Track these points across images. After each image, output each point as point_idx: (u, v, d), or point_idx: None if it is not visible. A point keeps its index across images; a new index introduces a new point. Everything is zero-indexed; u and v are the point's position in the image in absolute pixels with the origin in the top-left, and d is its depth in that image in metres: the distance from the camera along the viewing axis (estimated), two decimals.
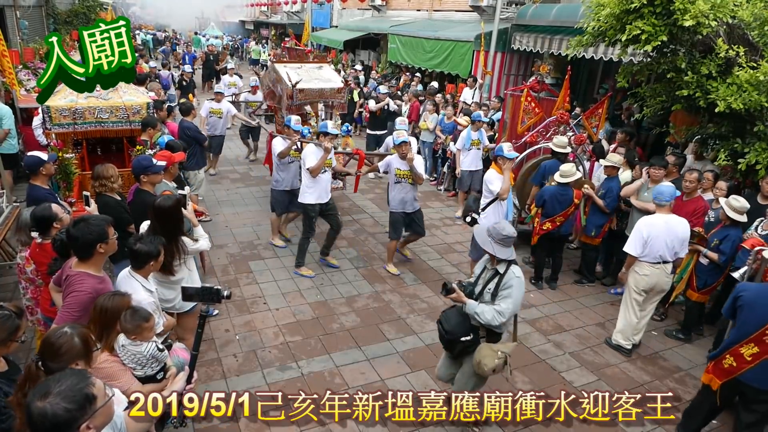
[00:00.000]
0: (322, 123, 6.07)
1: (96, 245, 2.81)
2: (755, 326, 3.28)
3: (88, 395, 1.70)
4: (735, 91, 5.00)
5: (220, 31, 31.60)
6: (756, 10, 5.28)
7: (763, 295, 3.32)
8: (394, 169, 5.92)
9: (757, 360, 3.29)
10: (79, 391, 1.69)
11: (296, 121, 6.48)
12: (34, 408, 1.63)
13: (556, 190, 5.85)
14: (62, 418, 1.64)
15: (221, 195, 8.66)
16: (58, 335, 2.16)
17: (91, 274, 2.84)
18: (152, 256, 3.13)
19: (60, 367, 2.12)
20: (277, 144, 6.33)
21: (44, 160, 4.35)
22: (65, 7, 16.81)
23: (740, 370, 3.36)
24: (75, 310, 2.71)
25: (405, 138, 5.84)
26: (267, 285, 5.84)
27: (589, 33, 6.12)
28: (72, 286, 2.79)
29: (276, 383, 4.26)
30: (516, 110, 7.68)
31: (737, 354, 3.37)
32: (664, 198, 4.65)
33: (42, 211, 3.52)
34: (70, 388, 1.68)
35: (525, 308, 5.70)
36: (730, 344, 3.44)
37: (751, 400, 3.40)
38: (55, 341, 2.14)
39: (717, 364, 3.50)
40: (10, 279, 5.46)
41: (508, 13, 11.89)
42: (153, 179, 4.31)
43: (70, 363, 2.15)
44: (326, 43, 20.70)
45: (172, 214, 3.55)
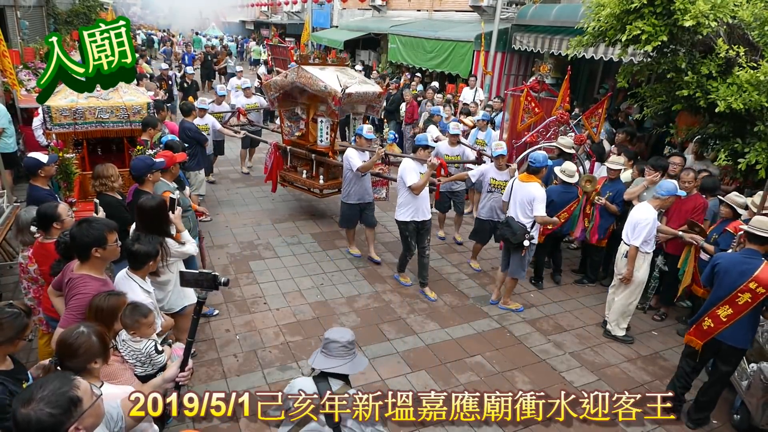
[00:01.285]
0: (420, 135, 5.84)
1: (91, 249, 2.77)
2: (729, 289, 3.73)
3: (73, 398, 1.68)
4: (735, 91, 5.00)
5: (220, 31, 31.61)
6: (756, 10, 5.28)
7: (735, 262, 3.79)
8: (489, 179, 5.93)
9: (731, 320, 3.76)
10: (63, 395, 1.67)
11: (369, 129, 6.19)
12: (19, 415, 1.61)
13: (562, 189, 5.93)
14: (47, 424, 1.62)
15: (221, 195, 8.67)
16: (75, 335, 2.16)
17: (93, 277, 2.82)
18: (151, 256, 3.13)
19: (79, 366, 2.14)
20: (354, 156, 6.03)
21: (43, 163, 4.34)
22: (65, 7, 16.82)
23: (717, 330, 3.83)
24: (79, 312, 2.69)
25: (504, 150, 5.87)
26: (267, 285, 5.84)
27: (589, 33, 6.12)
28: (76, 289, 2.76)
29: (276, 383, 4.26)
30: (516, 110, 7.68)
31: (714, 316, 3.83)
32: (661, 192, 4.82)
33: (47, 209, 3.52)
34: (53, 392, 1.66)
35: (525, 308, 5.71)
36: (708, 307, 3.90)
37: (727, 355, 3.90)
38: (73, 341, 2.15)
39: (697, 327, 3.96)
40: (11, 279, 5.46)
41: (508, 13, 11.90)
42: (156, 178, 4.32)
43: (89, 362, 2.17)
44: (326, 43, 20.71)
45: (155, 214, 3.52)
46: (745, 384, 4.04)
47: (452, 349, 4.90)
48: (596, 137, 7.19)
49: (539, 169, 5.26)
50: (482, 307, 5.65)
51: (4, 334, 2.26)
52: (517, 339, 5.16)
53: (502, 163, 5.84)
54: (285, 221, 7.69)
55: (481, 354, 4.85)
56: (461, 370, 4.62)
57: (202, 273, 2.35)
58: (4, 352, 2.31)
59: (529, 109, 7.20)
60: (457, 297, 5.87)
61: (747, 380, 4.04)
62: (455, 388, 4.34)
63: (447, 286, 6.10)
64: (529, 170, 5.33)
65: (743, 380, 4.09)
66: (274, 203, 8.40)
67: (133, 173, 4.21)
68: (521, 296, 5.99)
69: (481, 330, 5.25)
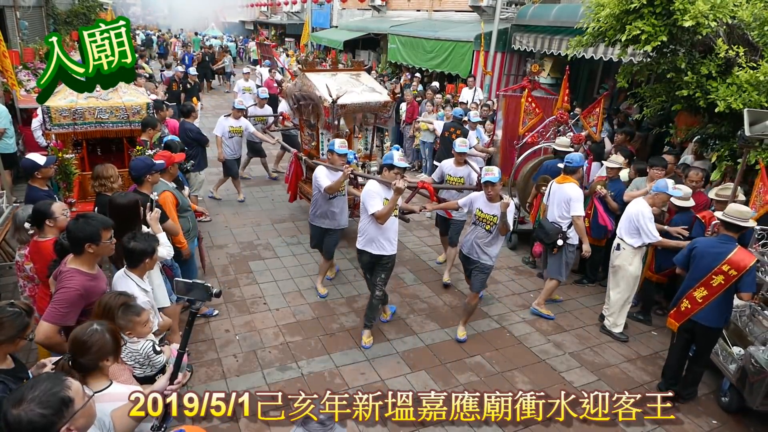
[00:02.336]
0: (387, 154, 4.67)
1: (84, 244, 2.81)
2: (705, 272, 4.04)
3: (64, 398, 1.68)
4: (735, 91, 5.01)
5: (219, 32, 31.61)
6: (756, 10, 5.29)
7: (711, 246, 4.11)
8: (475, 210, 4.81)
9: (706, 302, 4.06)
10: (54, 395, 1.67)
11: (341, 144, 5.24)
12: (10, 416, 1.61)
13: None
14: (39, 424, 1.62)
15: (221, 195, 8.66)
16: (89, 332, 2.18)
17: (82, 271, 2.84)
18: (147, 254, 3.16)
19: (91, 363, 2.15)
20: (322, 176, 5.14)
21: (39, 165, 4.33)
22: (65, 8, 16.84)
23: (693, 311, 4.14)
24: (62, 306, 2.73)
25: (494, 177, 4.48)
26: (267, 285, 5.84)
27: (589, 33, 6.13)
28: (62, 282, 2.80)
29: (276, 383, 4.26)
30: (509, 110, 7.63)
31: (691, 297, 4.15)
32: (658, 188, 4.91)
33: (40, 206, 3.55)
34: (44, 392, 1.66)
35: (525, 308, 5.71)
36: (685, 290, 4.22)
37: (701, 335, 4.20)
38: (87, 339, 2.16)
39: (677, 309, 4.27)
40: (11, 279, 5.46)
41: (508, 13, 11.91)
42: (155, 179, 4.31)
43: (101, 359, 2.18)
44: (326, 43, 20.72)
45: (126, 212, 3.52)
46: (734, 368, 4.23)
47: (452, 349, 4.90)
48: (596, 136, 7.20)
49: (576, 169, 5.28)
50: (482, 307, 5.64)
51: (5, 333, 2.27)
52: (517, 339, 5.16)
53: (491, 192, 4.55)
54: (285, 221, 7.69)
55: (480, 354, 4.85)
56: (461, 370, 4.62)
57: (195, 283, 2.35)
58: (4, 351, 2.32)
59: (530, 110, 7.20)
60: (457, 297, 5.87)
61: (735, 364, 4.23)
62: (455, 388, 4.34)
63: (447, 286, 6.09)
64: (565, 171, 5.34)
65: (730, 364, 4.28)
66: (273, 203, 8.40)
67: (132, 174, 4.21)
68: (521, 296, 5.99)
69: (481, 330, 5.26)
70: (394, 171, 4.46)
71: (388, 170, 4.52)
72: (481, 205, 4.73)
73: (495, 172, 4.51)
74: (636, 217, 4.89)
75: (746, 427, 4.18)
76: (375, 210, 4.45)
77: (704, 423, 4.20)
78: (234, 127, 7.85)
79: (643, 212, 4.85)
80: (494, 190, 4.53)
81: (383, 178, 4.58)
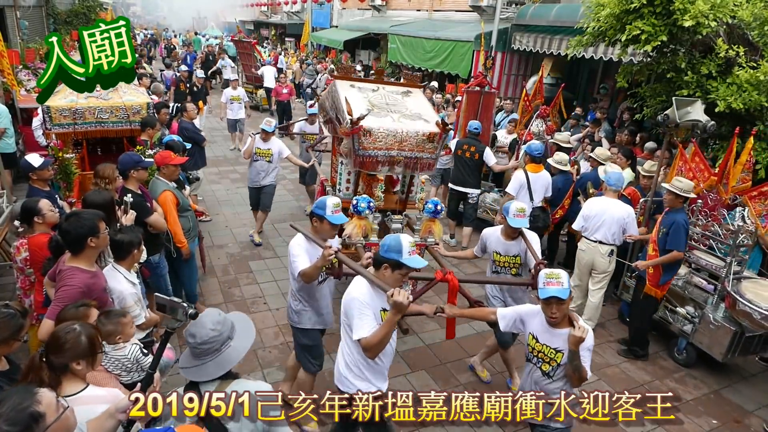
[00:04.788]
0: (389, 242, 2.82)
1: (87, 239, 2.83)
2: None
3: (33, 414, 1.61)
4: (735, 91, 5.01)
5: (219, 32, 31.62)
6: (756, 10, 5.29)
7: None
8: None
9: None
10: (22, 411, 1.60)
11: (334, 207, 3.35)
12: None
13: (563, 177, 6.27)
14: None
15: (221, 195, 8.66)
16: (66, 330, 2.15)
17: (82, 269, 2.85)
18: (134, 245, 3.21)
19: (61, 363, 2.11)
20: (299, 253, 3.47)
21: (35, 167, 4.31)
22: (65, 7, 16.84)
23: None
24: (65, 303, 2.72)
25: (562, 289, 2.77)
26: (267, 285, 5.84)
27: (589, 33, 6.13)
28: (63, 281, 2.81)
29: (276, 383, 4.25)
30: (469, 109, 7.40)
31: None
32: (610, 182, 5.06)
33: (28, 203, 3.59)
34: (12, 408, 1.59)
35: None
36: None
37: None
38: (62, 336, 2.13)
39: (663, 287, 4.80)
40: (10, 279, 5.46)
41: (508, 13, 11.91)
42: (141, 176, 4.26)
43: (72, 361, 2.13)
44: (326, 43, 20.74)
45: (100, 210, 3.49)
46: (689, 328, 4.78)
47: (452, 349, 4.90)
48: (552, 129, 7.79)
49: (541, 158, 5.64)
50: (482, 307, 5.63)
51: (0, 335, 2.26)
52: (517, 339, 5.14)
53: (555, 314, 2.83)
54: (285, 221, 7.68)
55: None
56: (461, 370, 4.62)
57: (173, 300, 2.29)
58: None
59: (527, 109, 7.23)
60: (456, 297, 5.85)
61: (690, 324, 4.79)
62: (455, 388, 4.34)
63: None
64: (533, 159, 5.69)
65: (685, 325, 4.85)
66: (273, 204, 8.37)
67: (118, 168, 4.20)
68: None
69: (481, 330, 5.25)
70: (400, 272, 2.73)
71: (392, 269, 2.74)
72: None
73: (563, 279, 2.78)
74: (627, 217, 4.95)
75: (746, 427, 4.19)
76: (364, 335, 2.69)
77: (704, 423, 4.20)
78: (261, 150, 6.53)
79: (629, 212, 4.98)
80: (560, 310, 2.81)
81: (378, 280, 2.79)
